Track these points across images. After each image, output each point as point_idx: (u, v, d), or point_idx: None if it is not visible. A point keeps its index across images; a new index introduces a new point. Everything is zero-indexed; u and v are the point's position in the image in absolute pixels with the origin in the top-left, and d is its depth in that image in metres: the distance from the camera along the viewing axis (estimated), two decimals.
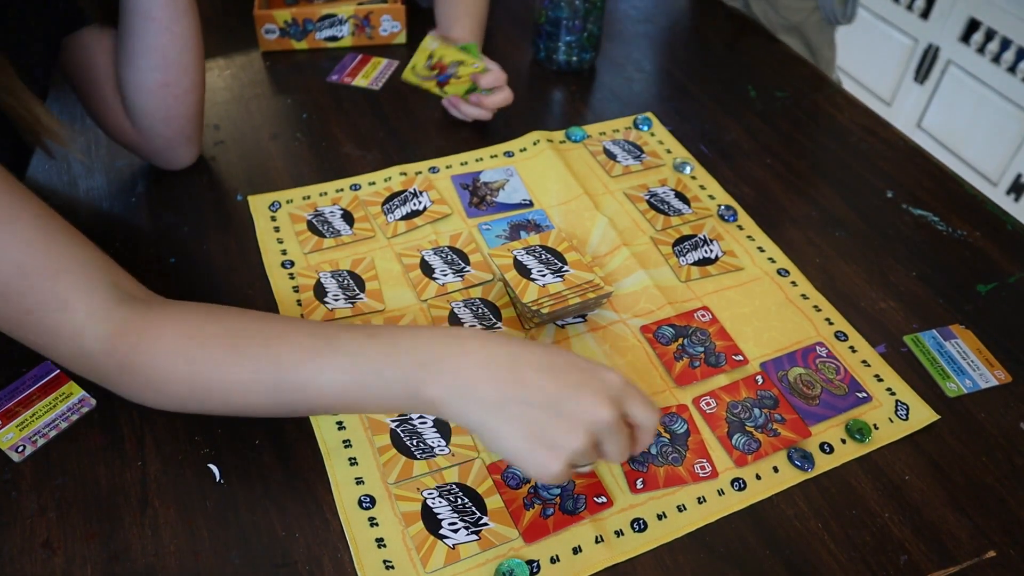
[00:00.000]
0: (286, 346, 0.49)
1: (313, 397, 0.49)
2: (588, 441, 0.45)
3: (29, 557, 0.50)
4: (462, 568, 0.50)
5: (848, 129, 0.89)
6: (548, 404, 0.45)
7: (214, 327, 0.50)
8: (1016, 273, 0.73)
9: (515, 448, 0.45)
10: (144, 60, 0.69)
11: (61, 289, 0.49)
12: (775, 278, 0.71)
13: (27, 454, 0.55)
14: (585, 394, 0.46)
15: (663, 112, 0.90)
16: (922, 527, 0.53)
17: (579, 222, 0.75)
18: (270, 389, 0.49)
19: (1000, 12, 1.86)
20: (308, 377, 0.48)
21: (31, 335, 0.50)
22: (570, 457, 0.45)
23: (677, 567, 0.51)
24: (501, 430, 0.45)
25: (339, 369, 0.48)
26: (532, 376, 0.46)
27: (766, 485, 0.55)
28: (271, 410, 0.51)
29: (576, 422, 0.45)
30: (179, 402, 0.51)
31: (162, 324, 0.50)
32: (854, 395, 0.61)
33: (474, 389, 0.46)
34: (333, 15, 0.96)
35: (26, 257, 0.48)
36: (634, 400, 0.48)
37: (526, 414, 0.45)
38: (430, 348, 0.47)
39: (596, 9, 0.91)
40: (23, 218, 0.49)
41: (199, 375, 0.49)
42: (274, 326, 0.51)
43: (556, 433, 0.45)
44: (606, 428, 0.46)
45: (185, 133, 0.75)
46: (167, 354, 0.49)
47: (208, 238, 0.72)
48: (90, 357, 0.50)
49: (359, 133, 0.85)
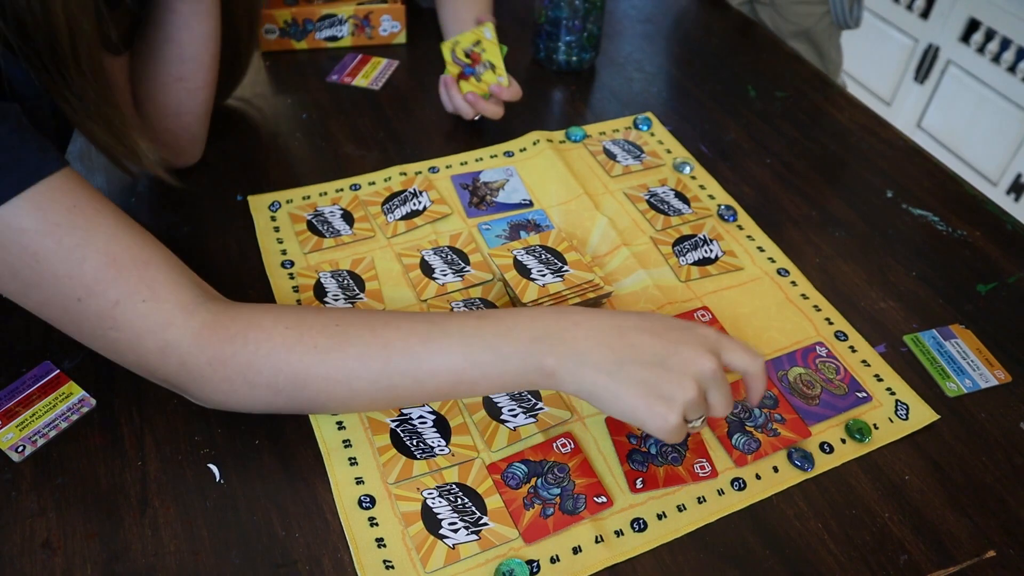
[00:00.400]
0: (393, 331, 0.50)
1: (424, 380, 0.50)
2: (697, 391, 0.48)
3: (29, 557, 0.50)
4: (462, 568, 0.50)
5: (848, 129, 0.90)
6: (656, 361, 0.48)
7: (313, 319, 0.51)
8: (1016, 273, 0.73)
9: (634, 405, 0.48)
10: (162, 52, 0.70)
11: (150, 278, 0.50)
12: (775, 278, 0.71)
13: (27, 454, 0.55)
14: (687, 348, 0.49)
15: (663, 112, 0.90)
16: (922, 527, 0.53)
17: (579, 222, 0.75)
18: (377, 375, 0.50)
19: (1000, 12, 1.86)
20: (420, 360, 0.50)
21: (114, 331, 0.50)
22: (684, 408, 0.48)
23: (677, 567, 0.51)
24: (619, 390, 0.48)
25: (452, 350, 0.50)
26: (637, 338, 0.49)
27: (766, 485, 0.55)
28: (370, 399, 0.52)
29: (683, 373, 0.48)
30: (270, 396, 0.51)
31: (260, 316, 0.51)
32: (854, 395, 0.61)
33: (588, 356, 0.48)
34: (333, 15, 0.96)
35: (116, 248, 0.49)
36: (731, 349, 0.50)
37: (638, 373, 0.48)
38: (542, 323, 0.50)
39: (596, 9, 0.91)
40: (109, 214, 0.50)
41: (300, 364, 0.50)
42: (377, 316, 0.52)
43: (668, 386, 0.48)
44: (710, 377, 0.48)
45: (192, 130, 0.75)
46: (266, 343, 0.50)
47: (208, 238, 0.72)
48: (177, 349, 0.50)
49: (359, 133, 0.85)
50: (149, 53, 0.70)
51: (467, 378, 0.50)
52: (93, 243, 0.49)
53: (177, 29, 0.69)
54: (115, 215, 0.51)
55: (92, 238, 0.49)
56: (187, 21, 0.69)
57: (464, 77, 0.82)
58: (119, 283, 0.49)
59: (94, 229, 0.49)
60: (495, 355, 0.50)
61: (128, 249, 0.50)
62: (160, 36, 0.69)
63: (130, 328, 0.50)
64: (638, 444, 0.57)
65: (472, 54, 0.81)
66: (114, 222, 0.50)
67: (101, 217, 0.50)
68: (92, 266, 0.48)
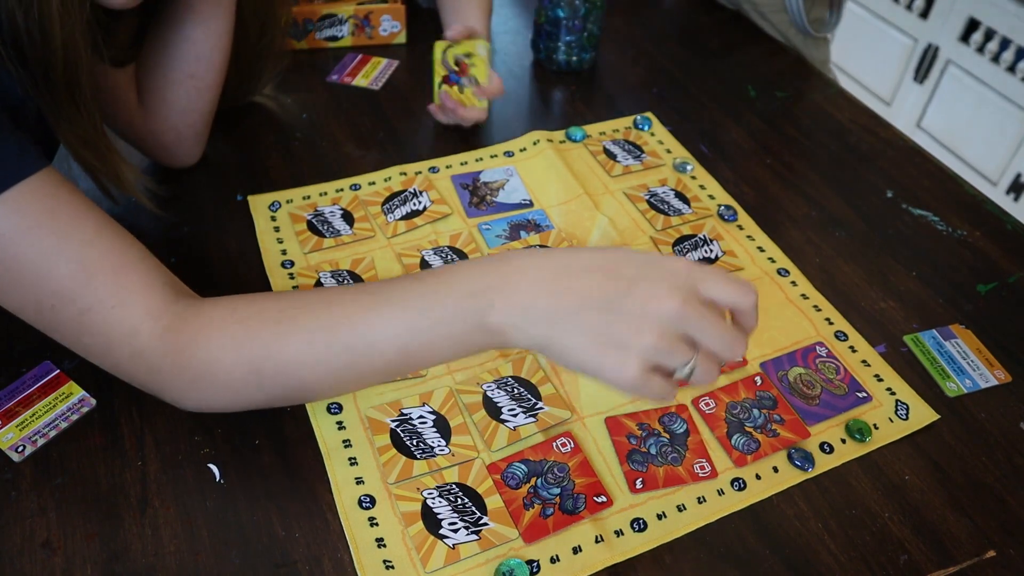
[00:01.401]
0: (336, 307, 0.48)
1: (371, 356, 0.48)
2: (659, 335, 0.42)
3: (29, 557, 0.50)
4: (462, 568, 0.50)
5: (848, 129, 0.90)
6: (607, 304, 0.43)
7: (259, 307, 0.50)
8: (1016, 273, 0.73)
9: (583, 358, 0.44)
10: (177, 49, 0.70)
11: (120, 285, 0.49)
12: (775, 278, 0.71)
13: (27, 454, 0.55)
14: (644, 285, 0.43)
15: (663, 112, 0.90)
16: (922, 527, 0.53)
17: (579, 222, 0.75)
18: (329, 356, 0.48)
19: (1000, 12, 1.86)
20: (362, 334, 0.47)
21: (87, 337, 0.50)
22: (643, 356, 0.43)
23: (677, 567, 0.51)
24: (567, 342, 0.44)
25: (393, 319, 0.47)
26: (587, 280, 0.44)
27: (766, 485, 0.55)
28: (330, 382, 0.50)
29: (638, 317, 0.42)
30: (232, 395, 0.51)
31: (210, 314, 0.50)
32: (854, 395, 0.61)
33: (533, 306, 0.44)
34: (333, 15, 0.96)
35: (87, 254, 0.49)
36: (712, 280, 0.44)
37: (586, 320, 0.43)
38: (481, 275, 0.46)
39: (596, 9, 0.91)
40: (82, 218, 0.49)
41: (255, 356, 0.49)
42: (321, 295, 0.50)
43: (620, 332, 0.43)
44: (677, 317, 0.43)
45: (196, 129, 0.76)
46: (217, 340, 0.49)
47: (208, 238, 0.72)
48: (145, 356, 0.49)
49: (359, 133, 0.85)
50: (163, 49, 0.70)
51: (414, 348, 0.47)
52: (66, 249, 0.48)
53: (194, 26, 0.69)
54: (92, 219, 0.50)
55: (66, 244, 0.48)
56: (205, 18, 0.69)
57: (448, 82, 0.82)
58: (89, 291, 0.48)
59: (69, 234, 0.48)
60: (435, 319, 0.46)
61: (102, 255, 0.49)
62: (176, 33, 0.69)
63: (101, 335, 0.49)
64: (638, 444, 0.57)
65: (462, 64, 0.81)
66: (90, 226, 0.49)
67: (77, 222, 0.49)
68: (64, 272, 0.48)
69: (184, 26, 0.69)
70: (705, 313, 0.43)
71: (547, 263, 0.45)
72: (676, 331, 0.43)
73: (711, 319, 0.44)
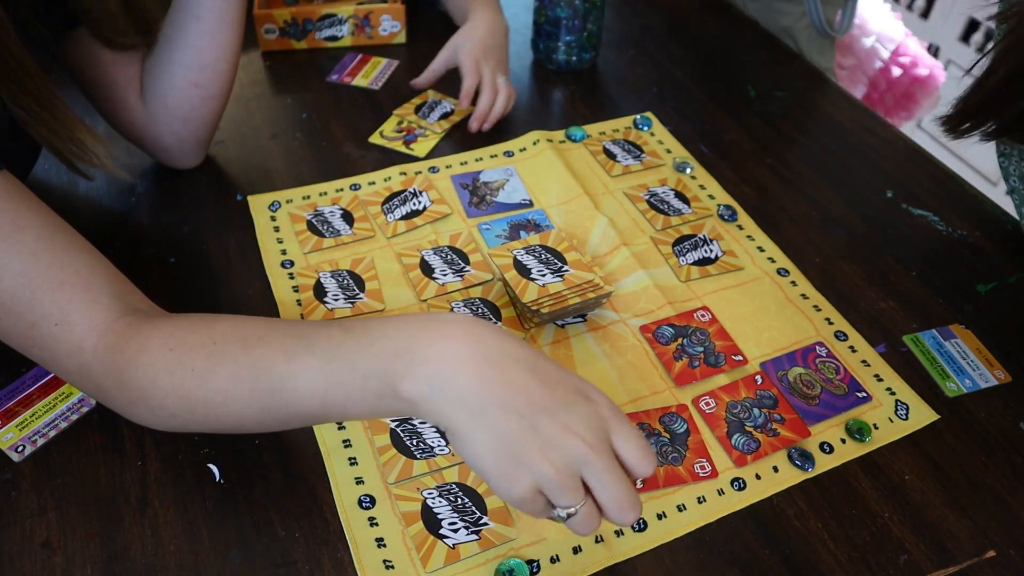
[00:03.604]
0: (263, 348, 0.46)
1: (292, 403, 0.45)
2: (559, 470, 0.40)
3: (29, 557, 0.50)
4: (462, 568, 0.50)
5: (848, 129, 0.89)
6: (528, 414, 0.40)
7: (197, 336, 0.48)
8: (1016, 273, 0.73)
9: (484, 463, 0.41)
10: (181, 55, 0.70)
11: (63, 302, 0.48)
12: (775, 278, 0.71)
13: (27, 454, 0.55)
14: (561, 413, 0.40)
15: (663, 112, 0.90)
16: (922, 527, 0.53)
17: (579, 222, 0.75)
18: (249, 398, 0.46)
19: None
20: (283, 380, 0.45)
21: (35, 350, 0.49)
22: (537, 481, 0.40)
23: (677, 567, 0.51)
24: (476, 437, 0.41)
25: (313, 370, 0.44)
26: (518, 376, 0.41)
27: (766, 485, 0.55)
28: (257, 422, 0.48)
29: (548, 442, 0.40)
30: (168, 418, 0.49)
31: (149, 336, 0.48)
32: (854, 395, 0.61)
33: (454, 381, 0.40)
34: (333, 15, 0.96)
35: (31, 268, 0.48)
36: (624, 434, 0.42)
37: (499, 421, 0.40)
38: (410, 334, 0.42)
39: (596, 9, 0.91)
40: (29, 229, 0.48)
41: (181, 386, 0.47)
42: (255, 329, 0.47)
43: (525, 449, 0.40)
44: (584, 460, 0.40)
45: (199, 136, 0.75)
46: (150, 366, 0.47)
47: (208, 238, 0.72)
48: (89, 373, 0.49)
49: (359, 133, 0.85)
50: (168, 55, 0.70)
51: (332, 401, 0.44)
52: (9, 263, 0.47)
53: (199, 36, 0.69)
54: (37, 228, 0.49)
55: (8, 258, 0.47)
56: (211, 30, 0.69)
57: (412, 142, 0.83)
58: (33, 306, 0.48)
59: (12, 248, 0.47)
60: (353, 374, 0.43)
61: (45, 269, 0.48)
62: (181, 40, 0.69)
63: (48, 349, 0.49)
64: None
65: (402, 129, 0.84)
66: (35, 238, 0.48)
67: (21, 234, 0.48)
68: (8, 286, 0.47)
69: (189, 34, 0.69)
70: (612, 466, 0.41)
71: (481, 339, 0.42)
72: (575, 472, 0.41)
73: (613, 475, 0.41)
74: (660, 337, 0.64)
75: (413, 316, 0.44)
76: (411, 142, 0.83)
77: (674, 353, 0.63)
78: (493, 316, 0.66)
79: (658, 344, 0.64)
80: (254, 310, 0.65)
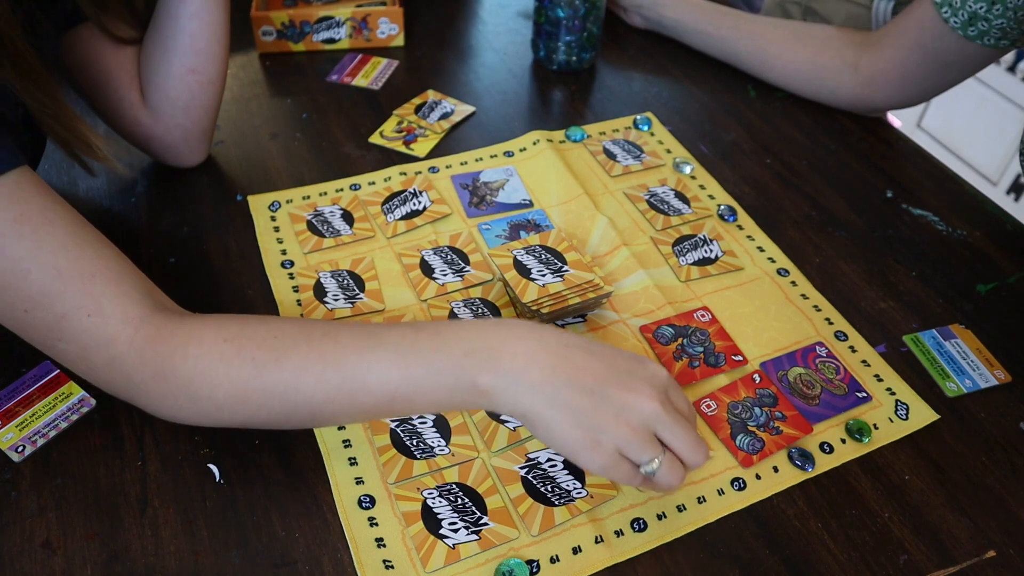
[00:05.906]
0: (331, 343, 0.48)
1: (358, 395, 0.48)
2: (634, 430, 0.45)
3: (29, 557, 0.50)
4: (462, 568, 0.50)
5: (848, 129, 0.90)
6: (593, 388, 0.45)
7: (251, 330, 0.50)
8: (1016, 273, 0.73)
9: (565, 438, 0.45)
10: (174, 42, 0.70)
11: (96, 292, 0.49)
12: (775, 278, 0.71)
13: (27, 454, 0.55)
14: (626, 381, 0.46)
15: (663, 112, 0.90)
16: (922, 527, 0.53)
17: (579, 222, 0.75)
18: (313, 390, 0.48)
19: None
20: (354, 374, 0.47)
21: (61, 343, 0.49)
22: (617, 445, 0.45)
23: (677, 567, 0.51)
24: (554, 418, 0.45)
25: (388, 364, 0.47)
26: (582, 359, 0.46)
27: (766, 485, 0.55)
28: (310, 415, 0.49)
29: (619, 408, 0.45)
30: (213, 410, 0.50)
31: (201, 329, 0.50)
32: (854, 395, 0.61)
33: (527, 373, 0.45)
34: (330, 17, 0.96)
35: (62, 260, 0.48)
36: (679, 394, 0.48)
37: (572, 399, 0.45)
38: (481, 336, 0.47)
39: (596, 9, 0.91)
40: (58, 223, 0.49)
41: (238, 378, 0.48)
42: (317, 327, 0.50)
43: (600, 419, 0.45)
44: (655, 418, 0.45)
45: (202, 125, 0.76)
46: (203, 356, 0.48)
47: (208, 238, 0.72)
48: (123, 364, 0.49)
49: (359, 133, 0.85)
50: (161, 43, 0.70)
51: (402, 394, 0.47)
52: (39, 255, 0.47)
53: (188, 19, 0.69)
54: (65, 223, 0.49)
55: (38, 250, 0.47)
56: (198, 12, 0.69)
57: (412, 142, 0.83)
58: (64, 297, 0.48)
59: (41, 240, 0.48)
60: (428, 369, 0.47)
61: (76, 261, 0.49)
62: (171, 26, 0.70)
63: (76, 342, 0.49)
64: None
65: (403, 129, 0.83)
66: (64, 232, 0.49)
67: (50, 227, 0.48)
68: (37, 279, 0.47)
69: (180, 20, 0.70)
70: (678, 418, 0.46)
71: (544, 335, 0.47)
72: (649, 429, 0.46)
73: (682, 424, 0.47)
74: (660, 337, 0.64)
75: (479, 321, 0.49)
76: (411, 142, 0.84)
77: (674, 353, 0.63)
78: (493, 316, 0.66)
79: (658, 344, 0.64)
80: (254, 310, 0.66)
